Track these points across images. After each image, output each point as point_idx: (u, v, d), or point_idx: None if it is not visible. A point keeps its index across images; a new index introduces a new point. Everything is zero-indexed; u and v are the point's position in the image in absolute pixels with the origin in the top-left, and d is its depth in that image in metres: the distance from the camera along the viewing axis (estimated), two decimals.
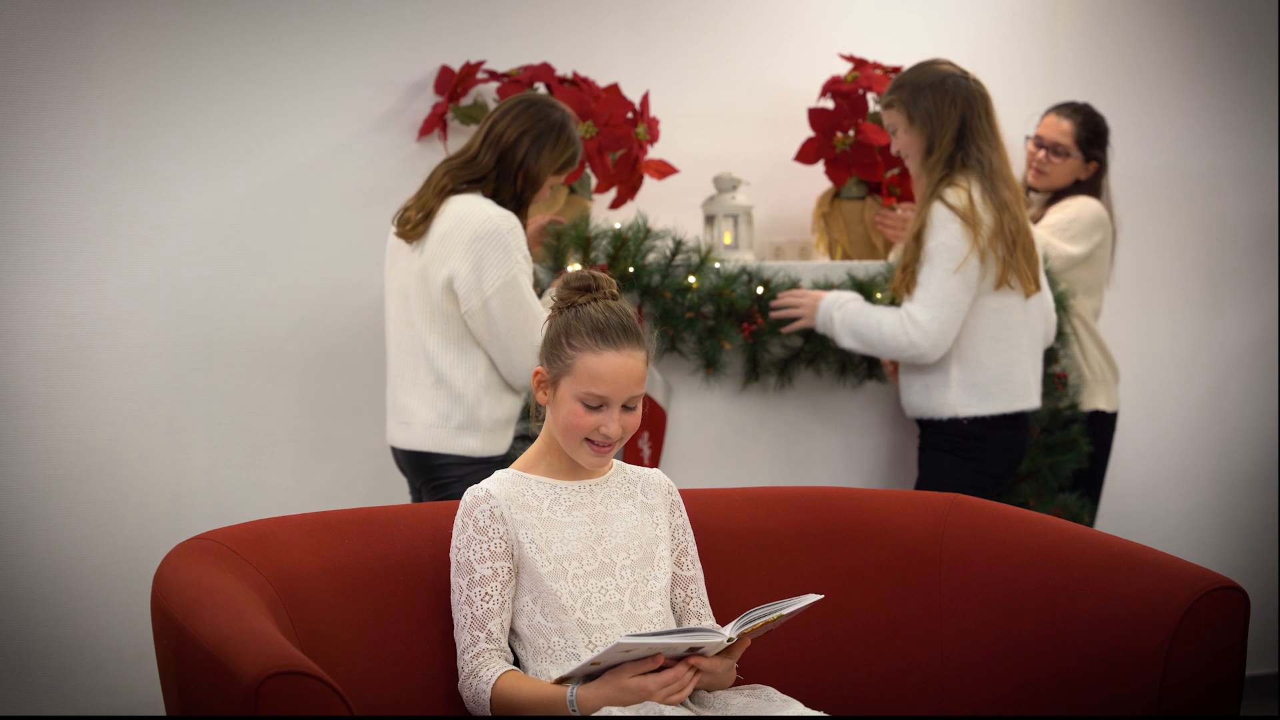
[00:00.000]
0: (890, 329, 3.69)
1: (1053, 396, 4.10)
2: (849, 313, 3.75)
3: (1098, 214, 4.28)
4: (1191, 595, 2.34)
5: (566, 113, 3.46)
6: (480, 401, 3.38)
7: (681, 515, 2.57)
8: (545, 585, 2.40)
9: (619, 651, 2.26)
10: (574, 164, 3.48)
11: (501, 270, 3.30)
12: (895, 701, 2.67)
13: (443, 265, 3.33)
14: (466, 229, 3.32)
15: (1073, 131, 4.32)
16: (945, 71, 3.72)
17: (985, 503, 2.78)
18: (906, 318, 3.67)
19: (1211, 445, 5.06)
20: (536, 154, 3.41)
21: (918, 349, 3.67)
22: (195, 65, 3.81)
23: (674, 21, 4.34)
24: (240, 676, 1.99)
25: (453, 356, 3.38)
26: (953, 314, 3.65)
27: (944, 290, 3.64)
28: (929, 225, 3.65)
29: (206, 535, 2.45)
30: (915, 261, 3.68)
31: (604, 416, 2.42)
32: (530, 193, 3.43)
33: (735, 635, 2.31)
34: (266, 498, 3.79)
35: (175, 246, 3.80)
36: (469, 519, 2.43)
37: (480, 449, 3.38)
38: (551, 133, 3.42)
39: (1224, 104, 5.05)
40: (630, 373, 2.42)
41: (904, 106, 3.71)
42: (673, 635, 2.28)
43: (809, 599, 2.35)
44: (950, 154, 3.68)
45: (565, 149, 3.44)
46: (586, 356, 2.41)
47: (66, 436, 3.69)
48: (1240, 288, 5.09)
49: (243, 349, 3.86)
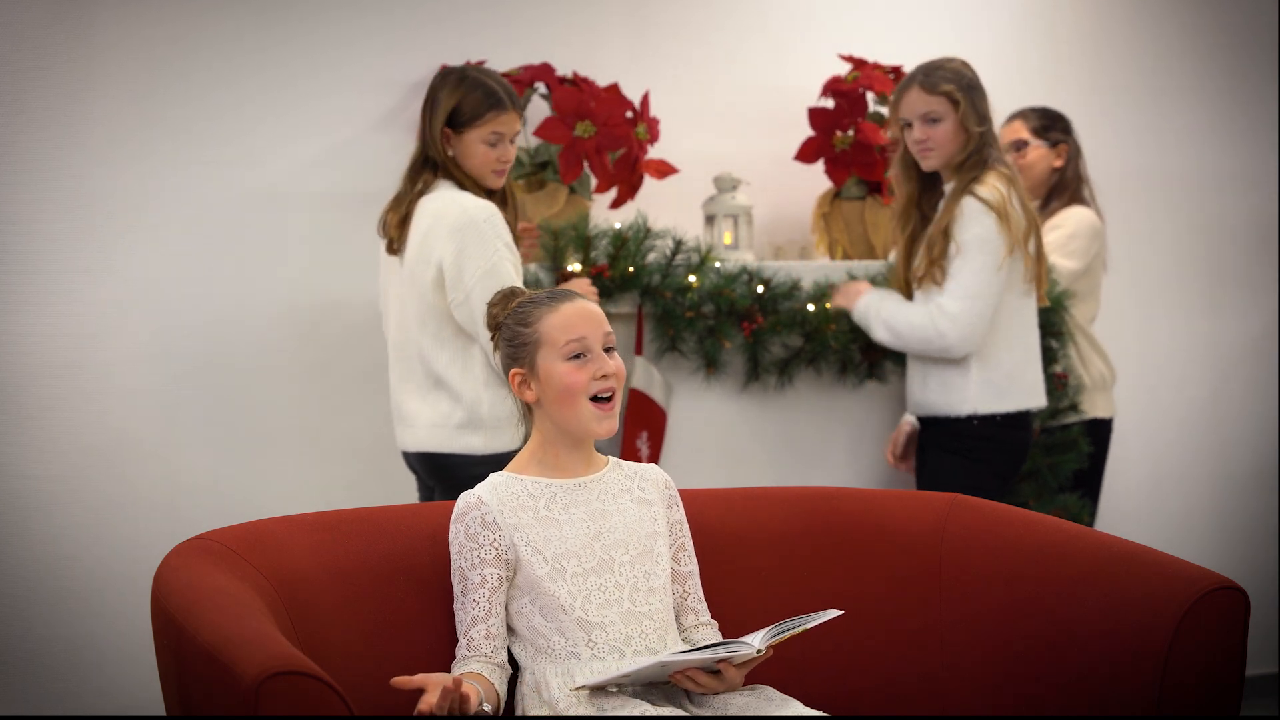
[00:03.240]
0: (920, 320, 3.67)
1: (1053, 396, 4.10)
2: (884, 305, 3.75)
3: (1093, 225, 4.29)
4: (1191, 595, 2.34)
5: (450, 71, 3.46)
6: (480, 399, 3.38)
7: (679, 510, 2.57)
8: (543, 586, 2.40)
9: (657, 667, 2.28)
10: (479, 115, 3.41)
11: (481, 259, 3.30)
12: (895, 701, 2.67)
13: (427, 265, 3.34)
14: (443, 224, 3.32)
15: (1027, 126, 4.36)
16: (974, 72, 3.72)
17: (985, 503, 2.78)
18: (937, 310, 3.64)
19: (1211, 445, 5.06)
20: (427, 123, 3.41)
21: (945, 340, 3.64)
22: (195, 66, 3.81)
23: (674, 21, 4.34)
24: (240, 676, 1.99)
25: (448, 356, 3.38)
26: (984, 308, 3.63)
27: (977, 282, 3.61)
28: (961, 218, 3.61)
29: (206, 535, 2.45)
30: (943, 255, 3.64)
31: (594, 362, 2.43)
32: (451, 162, 3.41)
33: (764, 647, 2.32)
34: (266, 498, 3.78)
35: (175, 247, 3.80)
36: (460, 525, 2.43)
37: (483, 446, 3.37)
38: (429, 100, 3.42)
39: (1224, 104, 5.05)
40: (593, 311, 2.46)
41: (964, 100, 3.66)
42: (710, 650, 2.31)
43: (830, 614, 2.38)
44: (983, 153, 3.66)
45: (443, 105, 3.40)
46: (548, 318, 2.43)
47: (66, 436, 3.69)
48: (1240, 288, 5.09)
49: (242, 349, 3.86)
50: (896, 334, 3.72)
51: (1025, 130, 4.35)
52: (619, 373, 2.46)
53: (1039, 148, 4.34)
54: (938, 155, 3.69)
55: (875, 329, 3.77)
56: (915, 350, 3.73)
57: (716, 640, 2.49)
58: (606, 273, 3.79)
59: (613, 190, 4.07)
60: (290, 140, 3.90)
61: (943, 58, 3.76)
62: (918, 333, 3.68)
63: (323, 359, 3.93)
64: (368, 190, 3.94)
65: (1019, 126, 4.37)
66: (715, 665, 2.35)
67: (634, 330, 3.89)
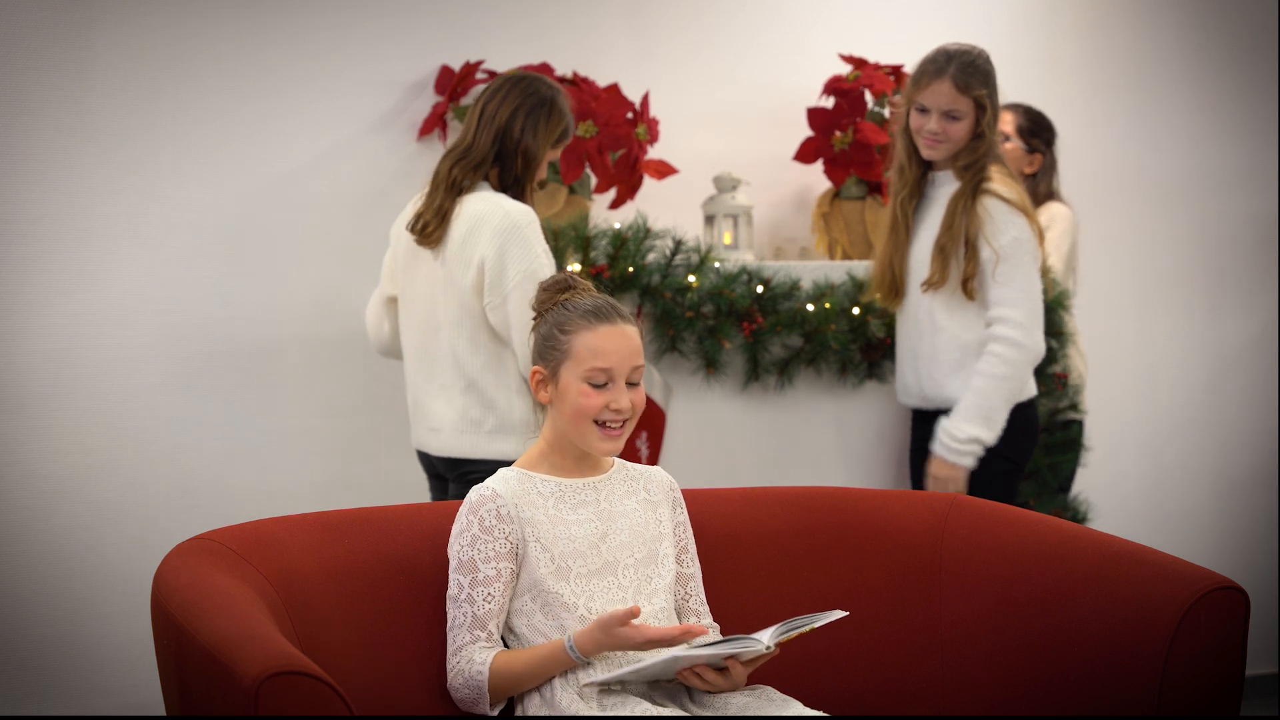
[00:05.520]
0: (990, 371, 3.53)
1: (1053, 396, 4.10)
2: (962, 411, 3.55)
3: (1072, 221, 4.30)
4: (1191, 595, 2.34)
5: (555, 86, 3.44)
6: (513, 405, 3.35)
7: (683, 513, 2.57)
8: (547, 585, 2.40)
9: (669, 661, 2.29)
10: (568, 136, 3.45)
11: (522, 264, 3.28)
12: (895, 701, 2.67)
13: (467, 268, 3.31)
14: (486, 227, 3.30)
15: (1014, 121, 4.36)
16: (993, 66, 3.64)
17: (985, 503, 2.79)
18: (1001, 328, 3.53)
19: (1211, 445, 5.06)
20: (532, 129, 3.38)
21: (1032, 350, 3.54)
22: (196, 66, 3.81)
23: (674, 22, 4.35)
24: (240, 676, 1.99)
25: (483, 360, 3.35)
26: (1040, 304, 3.58)
27: (1030, 282, 3.56)
28: (990, 222, 3.53)
29: (206, 535, 2.45)
30: (976, 265, 3.54)
31: (611, 393, 2.42)
32: (530, 171, 3.41)
33: (773, 644, 2.33)
34: (266, 498, 3.78)
35: (175, 246, 3.80)
36: (474, 517, 2.42)
37: (514, 452, 3.33)
38: (543, 107, 3.40)
39: (1224, 104, 5.05)
40: (629, 342, 2.44)
41: (990, 106, 3.59)
42: (720, 646, 2.31)
43: (836, 614, 2.38)
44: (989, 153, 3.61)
45: (559, 121, 3.41)
46: (583, 335, 2.42)
47: (66, 436, 3.69)
48: (1240, 288, 5.09)
49: (243, 349, 3.85)
50: (985, 420, 3.53)
51: (1010, 125, 4.35)
52: (636, 407, 2.45)
53: (1016, 148, 4.34)
54: (944, 150, 3.63)
55: (990, 436, 3.56)
56: (1015, 388, 3.55)
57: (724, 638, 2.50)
58: (606, 273, 3.79)
59: (612, 190, 4.07)
60: (291, 140, 3.90)
61: (970, 49, 3.64)
62: (996, 381, 3.53)
63: (322, 359, 3.93)
64: (368, 190, 3.94)
65: (1006, 119, 4.35)
66: (723, 662, 2.36)
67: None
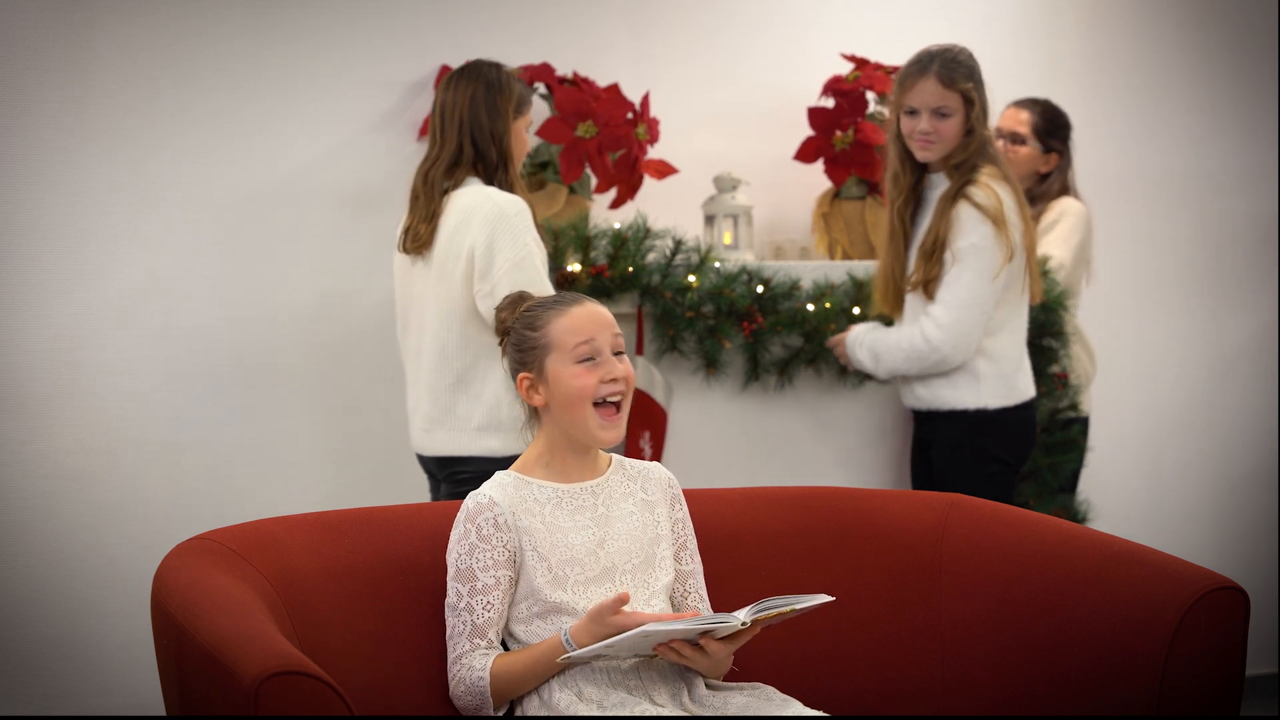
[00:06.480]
0: (907, 338, 3.64)
1: (1053, 396, 4.10)
2: (868, 335, 3.75)
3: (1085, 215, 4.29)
4: (1191, 595, 2.34)
5: (496, 63, 3.46)
6: (501, 400, 3.35)
7: (682, 509, 2.56)
8: (545, 594, 2.39)
9: (640, 636, 2.27)
10: (528, 101, 3.46)
11: (510, 252, 3.28)
12: (895, 701, 2.67)
13: (457, 259, 3.32)
14: (475, 217, 3.30)
15: (1030, 121, 4.34)
16: (977, 62, 3.64)
17: (985, 503, 2.78)
18: (927, 321, 3.60)
19: (1211, 445, 5.06)
20: (492, 109, 3.39)
21: (940, 352, 3.60)
22: (195, 66, 3.81)
23: (674, 22, 4.35)
24: (240, 676, 1.99)
25: (472, 355, 3.35)
26: (978, 317, 3.58)
27: (971, 292, 3.56)
28: (957, 225, 3.55)
29: (206, 535, 2.45)
30: (939, 265, 3.58)
31: (603, 365, 2.42)
32: (506, 154, 3.40)
33: (749, 620, 2.31)
34: (266, 498, 3.78)
35: (175, 247, 3.80)
36: (471, 526, 2.41)
37: (502, 449, 3.34)
38: (493, 85, 3.41)
39: (1224, 104, 5.05)
40: (602, 314, 2.45)
41: (978, 99, 3.58)
42: (694, 621, 2.30)
43: (821, 598, 2.36)
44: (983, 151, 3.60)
45: (510, 91, 3.42)
46: (557, 321, 2.43)
47: (66, 436, 3.69)
48: (1240, 288, 5.09)
49: (242, 349, 3.85)
50: (875, 355, 3.72)
51: (1026, 126, 4.33)
52: (628, 377, 2.45)
53: (1033, 151, 4.33)
54: (939, 149, 3.62)
55: (857, 355, 3.77)
56: (900, 369, 3.68)
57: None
58: (606, 273, 3.79)
59: (613, 190, 4.07)
60: (291, 140, 3.90)
61: (951, 46, 3.66)
62: (902, 350, 3.65)
63: (323, 359, 3.93)
64: (368, 190, 3.94)
65: (1022, 119, 4.33)
66: (697, 638, 2.34)
67: (634, 330, 3.89)
